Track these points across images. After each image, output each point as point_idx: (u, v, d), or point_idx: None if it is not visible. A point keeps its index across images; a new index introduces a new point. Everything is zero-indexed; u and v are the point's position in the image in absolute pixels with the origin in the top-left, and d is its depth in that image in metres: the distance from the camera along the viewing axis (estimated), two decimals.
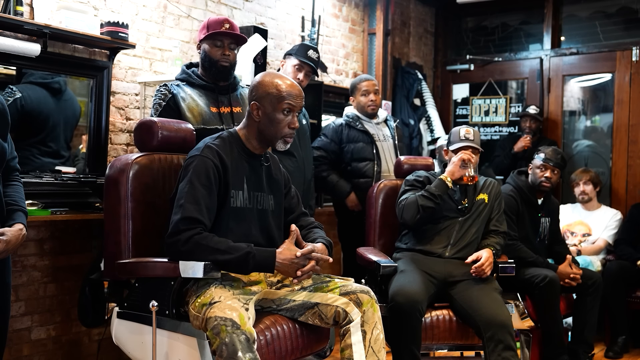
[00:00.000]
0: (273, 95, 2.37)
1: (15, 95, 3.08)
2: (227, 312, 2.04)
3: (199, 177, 2.27)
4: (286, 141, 2.42)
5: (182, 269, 2.15)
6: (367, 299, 2.37)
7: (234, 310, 2.06)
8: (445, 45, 6.25)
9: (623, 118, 5.35)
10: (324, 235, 2.53)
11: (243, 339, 2.01)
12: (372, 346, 2.33)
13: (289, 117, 2.39)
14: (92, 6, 3.38)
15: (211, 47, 2.91)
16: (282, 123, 2.38)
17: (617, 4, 5.55)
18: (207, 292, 2.17)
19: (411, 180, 3.31)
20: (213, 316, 2.04)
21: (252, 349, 2.02)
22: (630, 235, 4.53)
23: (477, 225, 3.23)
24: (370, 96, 4.02)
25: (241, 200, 2.37)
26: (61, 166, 3.26)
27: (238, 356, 1.98)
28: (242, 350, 1.99)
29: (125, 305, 2.40)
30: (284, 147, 2.44)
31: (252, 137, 2.44)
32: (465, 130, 3.27)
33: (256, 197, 2.43)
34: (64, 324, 3.25)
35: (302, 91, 2.44)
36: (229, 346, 1.99)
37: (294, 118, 2.41)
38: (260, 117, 2.39)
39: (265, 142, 2.44)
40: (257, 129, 2.42)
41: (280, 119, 2.38)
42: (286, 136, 2.41)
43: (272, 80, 2.40)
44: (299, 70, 3.54)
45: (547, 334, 3.60)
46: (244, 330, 2.02)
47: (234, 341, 1.99)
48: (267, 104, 2.38)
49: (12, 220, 2.26)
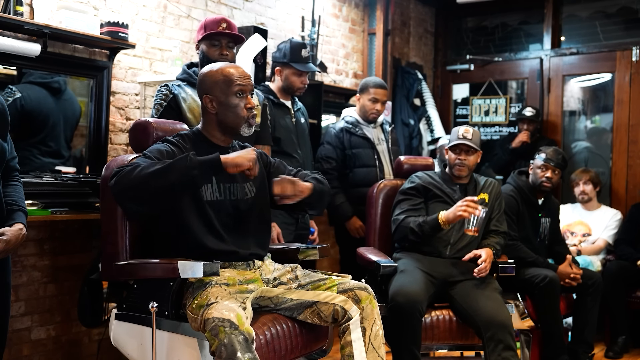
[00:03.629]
0: (221, 82, 2.40)
1: (15, 95, 3.07)
2: (224, 313, 2.04)
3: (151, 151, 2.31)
4: (250, 123, 2.43)
5: (182, 269, 2.15)
6: (366, 296, 2.37)
7: (231, 311, 2.05)
8: (445, 45, 6.25)
9: (623, 118, 5.35)
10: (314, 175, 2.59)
11: (242, 339, 2.01)
12: (372, 342, 2.33)
13: (243, 99, 2.41)
14: (92, 6, 3.38)
15: (209, 47, 2.91)
16: (239, 106, 2.40)
17: (617, 4, 5.54)
18: (204, 293, 2.17)
19: (404, 190, 3.31)
20: (211, 317, 2.04)
21: (251, 349, 2.02)
22: (630, 235, 4.53)
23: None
24: (377, 105, 3.96)
25: (211, 193, 2.37)
26: (61, 166, 3.26)
27: (237, 357, 1.98)
28: (241, 350, 1.99)
29: (123, 306, 2.39)
30: (248, 131, 2.44)
31: (214, 130, 2.45)
32: (464, 129, 3.28)
33: (227, 188, 2.42)
34: (64, 324, 3.25)
35: (247, 73, 2.46)
36: (227, 347, 1.99)
37: (249, 99, 2.42)
38: (216, 107, 2.41)
39: (229, 131, 2.45)
40: (217, 121, 2.43)
41: (235, 103, 2.40)
42: (247, 118, 2.42)
43: (216, 69, 2.43)
44: (302, 75, 3.52)
45: (547, 334, 3.60)
46: (242, 330, 2.02)
47: (233, 342, 1.99)
48: (219, 93, 2.40)
49: (12, 220, 2.26)
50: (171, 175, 2.16)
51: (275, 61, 3.59)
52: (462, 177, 3.29)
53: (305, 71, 3.52)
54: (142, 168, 2.17)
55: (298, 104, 3.69)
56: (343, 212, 3.91)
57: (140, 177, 2.16)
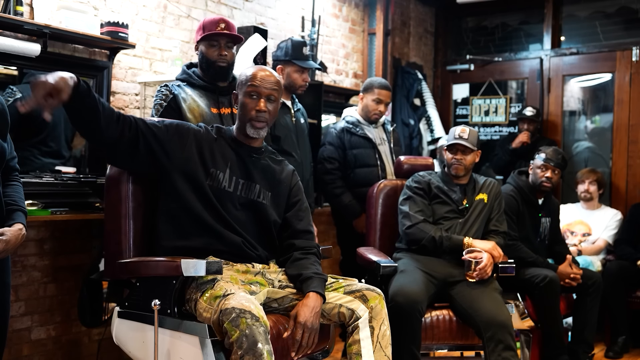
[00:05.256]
0: (242, 82, 2.47)
1: (15, 96, 3.07)
2: (244, 304, 2.03)
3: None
4: (253, 125, 2.44)
5: (184, 267, 2.15)
6: (375, 295, 2.37)
7: (251, 302, 2.06)
8: (445, 45, 6.25)
9: (623, 118, 5.35)
10: (318, 271, 2.38)
11: (262, 330, 2.01)
12: (379, 342, 2.33)
13: (255, 101, 2.42)
14: (92, 6, 3.38)
15: (208, 48, 2.91)
16: (248, 107, 2.42)
17: (617, 4, 5.55)
18: (217, 285, 2.17)
19: (412, 187, 3.31)
20: (230, 307, 2.02)
21: (269, 341, 2.03)
22: (630, 235, 4.53)
23: (476, 226, 3.23)
24: (380, 106, 3.95)
25: (219, 181, 2.39)
26: (61, 166, 3.26)
27: (258, 347, 1.98)
28: (262, 341, 1.99)
29: (126, 304, 2.40)
30: (253, 132, 2.45)
31: (237, 127, 2.51)
32: (461, 129, 3.28)
33: (239, 183, 2.44)
34: (64, 324, 3.25)
35: (274, 78, 2.47)
36: (249, 337, 1.98)
37: (261, 102, 2.42)
38: (237, 105, 2.48)
39: (242, 129, 2.48)
40: (237, 118, 2.50)
41: (246, 102, 2.43)
42: (252, 120, 2.43)
43: (248, 69, 2.50)
44: (303, 72, 3.54)
45: (547, 334, 3.60)
46: (262, 322, 2.02)
47: (254, 333, 1.99)
48: (239, 91, 2.48)
49: (12, 220, 2.26)
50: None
51: (277, 59, 3.60)
52: (459, 176, 3.29)
53: (307, 68, 3.54)
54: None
55: (298, 105, 3.69)
56: (353, 210, 3.90)
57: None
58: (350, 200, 3.89)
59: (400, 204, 3.30)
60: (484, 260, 3.02)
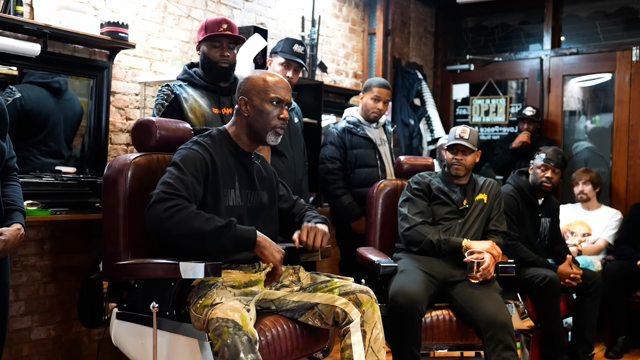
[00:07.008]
0: (260, 88, 2.40)
1: (14, 96, 3.08)
2: (228, 314, 2.04)
3: (186, 164, 2.27)
4: (277, 132, 2.42)
5: (183, 269, 2.14)
6: (367, 299, 2.37)
7: (236, 312, 2.05)
8: (445, 45, 6.25)
9: (623, 118, 5.35)
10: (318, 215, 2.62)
11: (245, 340, 2.00)
12: (371, 346, 2.33)
13: (278, 108, 2.40)
14: (92, 6, 3.38)
15: (210, 48, 2.90)
16: (272, 114, 2.39)
17: (617, 4, 5.55)
18: (209, 293, 2.17)
19: (412, 188, 3.31)
20: (215, 317, 2.04)
21: (254, 350, 2.01)
22: (630, 235, 4.53)
23: (476, 226, 3.23)
24: (379, 104, 3.94)
25: (233, 199, 2.38)
26: (61, 166, 3.26)
27: (240, 357, 1.97)
28: (244, 351, 1.98)
29: (124, 306, 2.39)
30: (275, 139, 2.43)
31: (242, 133, 2.44)
32: (461, 129, 3.28)
33: (246, 194, 2.44)
34: (64, 324, 3.25)
35: (289, 86, 2.47)
36: (230, 347, 1.98)
37: (283, 110, 2.41)
38: (249, 111, 2.40)
39: (256, 137, 2.44)
40: (247, 124, 2.42)
41: (269, 110, 2.39)
42: (276, 127, 2.41)
43: (259, 75, 2.44)
44: (287, 68, 3.47)
45: (547, 334, 3.60)
46: (245, 331, 2.02)
47: (236, 342, 1.99)
48: (255, 97, 2.39)
49: (10, 220, 2.26)
50: (207, 241, 2.17)
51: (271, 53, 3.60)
52: (460, 176, 3.29)
53: (292, 63, 3.46)
54: (185, 216, 2.15)
55: (293, 104, 3.69)
56: (352, 212, 3.90)
57: (179, 225, 2.14)
58: (351, 202, 3.89)
59: (400, 205, 3.30)
60: (486, 261, 3.02)
